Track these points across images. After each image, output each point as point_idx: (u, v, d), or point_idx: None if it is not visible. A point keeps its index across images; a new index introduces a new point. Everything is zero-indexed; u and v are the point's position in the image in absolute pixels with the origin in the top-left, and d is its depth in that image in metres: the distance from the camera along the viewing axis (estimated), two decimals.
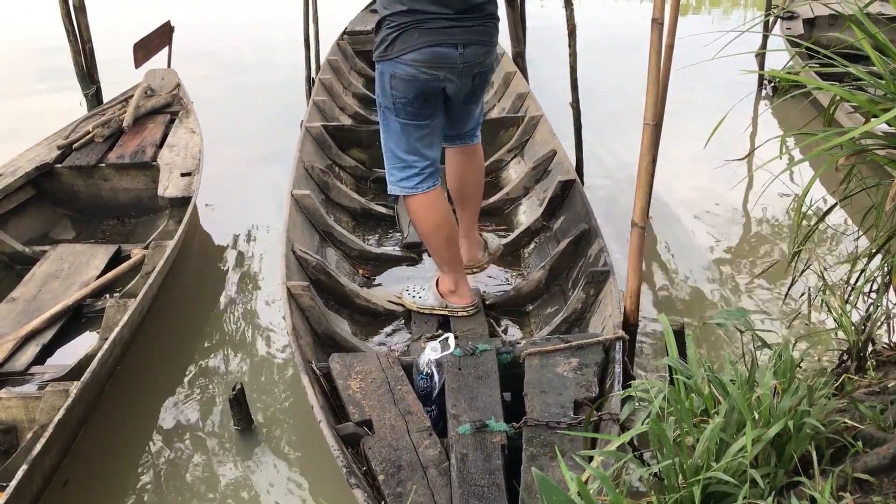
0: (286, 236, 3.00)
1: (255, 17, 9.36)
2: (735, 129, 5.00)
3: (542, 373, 2.28)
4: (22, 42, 8.16)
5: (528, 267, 3.41)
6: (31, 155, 3.95)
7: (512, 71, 5.00)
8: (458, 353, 2.38)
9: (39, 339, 2.90)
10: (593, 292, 2.75)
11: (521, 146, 4.26)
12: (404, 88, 2.59)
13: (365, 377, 2.32)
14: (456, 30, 2.53)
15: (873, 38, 2.62)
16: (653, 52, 2.24)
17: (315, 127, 4.18)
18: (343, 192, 3.84)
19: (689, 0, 10.03)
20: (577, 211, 3.30)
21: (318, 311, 2.71)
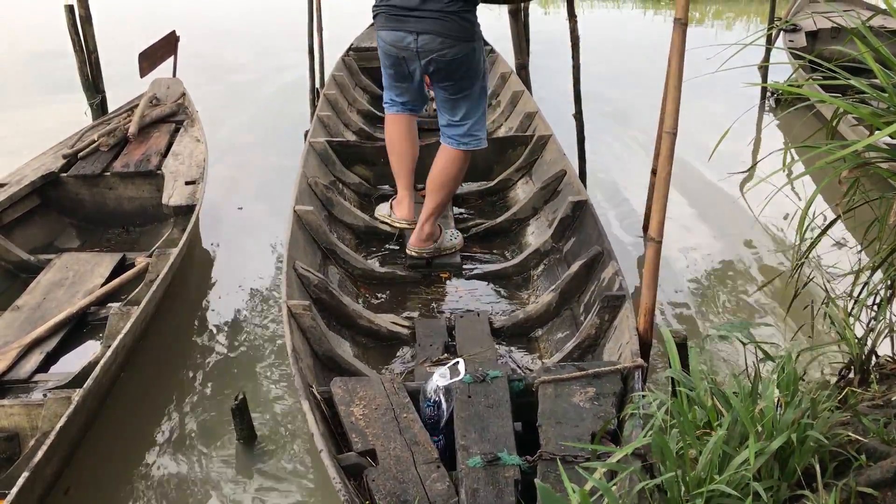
0: (288, 253, 2.93)
1: (260, 25, 9.42)
2: (739, 141, 5.02)
3: (557, 402, 2.18)
4: (28, 51, 8.20)
5: (537, 290, 3.30)
6: (37, 164, 3.97)
7: (519, 90, 4.93)
8: (468, 380, 2.28)
9: (43, 346, 2.90)
10: (608, 318, 2.64)
11: (528, 166, 4.19)
12: (382, 57, 3.31)
13: (368, 403, 2.21)
14: (410, 20, 3.05)
15: (876, 52, 2.63)
16: (674, 54, 2.17)
17: (319, 142, 4.11)
18: (346, 209, 3.76)
19: (693, 13, 10.06)
20: (589, 232, 3.21)
21: (320, 331, 2.61)
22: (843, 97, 2.95)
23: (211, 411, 2.85)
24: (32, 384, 2.73)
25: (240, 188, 4.74)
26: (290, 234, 3.09)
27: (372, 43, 5.85)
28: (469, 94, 3.26)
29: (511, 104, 4.94)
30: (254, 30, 9.32)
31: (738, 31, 9.07)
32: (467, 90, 3.24)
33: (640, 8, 10.64)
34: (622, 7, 10.79)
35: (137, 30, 8.50)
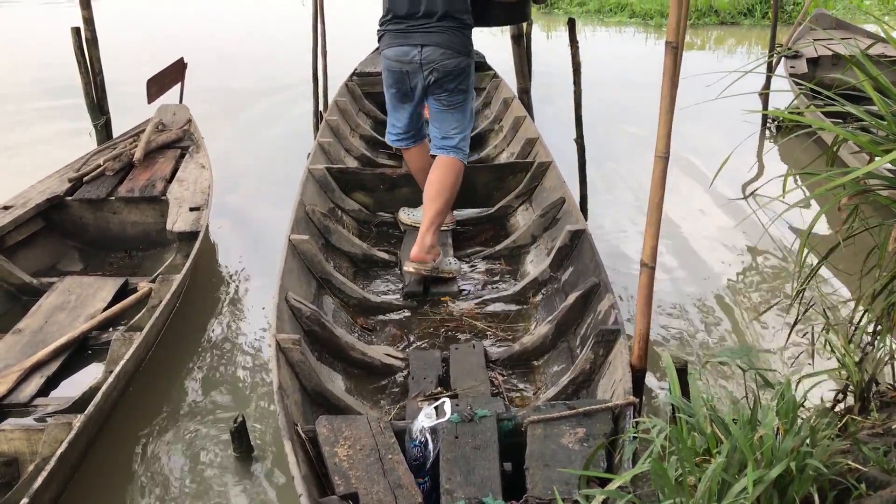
0: (280, 284, 2.87)
1: (265, 47, 9.52)
2: (739, 167, 5.04)
3: (546, 444, 2.13)
4: (35, 71, 8.28)
5: (535, 320, 3.27)
6: (42, 187, 3.99)
7: (521, 116, 4.93)
8: (456, 420, 2.22)
9: (44, 370, 2.90)
10: (602, 352, 2.60)
11: (529, 192, 4.17)
12: (385, 76, 3.54)
13: (354, 444, 2.16)
14: (415, 34, 3.36)
15: (875, 80, 2.65)
16: (666, 78, 2.15)
17: (318, 169, 4.09)
18: (344, 237, 3.74)
19: (694, 39, 10.13)
20: (587, 263, 3.19)
21: (309, 366, 2.54)
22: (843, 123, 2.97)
23: (211, 437, 2.84)
24: (32, 408, 2.73)
25: (244, 213, 4.76)
26: (284, 263, 3.04)
27: (375, 68, 5.93)
28: (462, 107, 3.56)
29: (513, 130, 4.95)
30: (258, 53, 9.40)
31: (740, 56, 9.13)
32: (461, 103, 3.54)
33: (642, 32, 10.72)
34: (623, 32, 10.87)
35: (142, 52, 8.61)
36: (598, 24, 11.45)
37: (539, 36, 10.34)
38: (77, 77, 4.77)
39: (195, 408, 3.00)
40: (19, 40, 10.92)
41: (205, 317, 3.64)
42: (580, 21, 11.49)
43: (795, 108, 4.92)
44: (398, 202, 4.17)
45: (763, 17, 10.83)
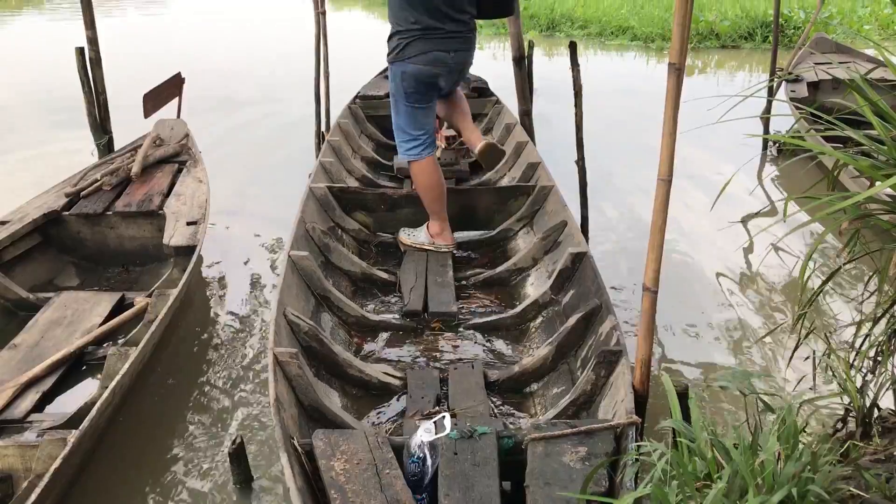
0: (279, 299, 2.88)
1: (267, 65, 9.56)
2: (741, 190, 5.04)
3: (547, 462, 2.10)
4: (38, 90, 8.31)
5: (535, 342, 3.24)
6: (40, 202, 3.99)
7: (524, 141, 4.92)
8: (455, 436, 2.20)
9: (39, 386, 2.88)
10: (604, 373, 2.58)
11: (530, 216, 4.16)
12: (414, 81, 3.63)
13: (350, 458, 2.14)
14: (448, 40, 3.59)
15: (874, 105, 2.65)
16: (669, 100, 2.14)
17: (319, 188, 4.09)
18: (344, 256, 3.74)
19: (695, 62, 10.18)
20: (588, 285, 3.16)
21: (306, 381, 2.53)
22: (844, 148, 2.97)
23: (208, 454, 2.82)
24: (27, 424, 2.71)
25: (241, 228, 4.75)
26: (284, 279, 3.04)
27: (378, 91, 5.97)
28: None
29: (515, 154, 4.94)
30: (260, 71, 9.44)
31: (741, 80, 9.17)
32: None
33: (643, 55, 10.77)
34: (624, 55, 10.93)
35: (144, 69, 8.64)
36: (600, 48, 11.51)
37: (541, 59, 10.40)
38: (79, 93, 4.79)
39: (192, 423, 2.97)
40: (21, 55, 10.98)
41: (201, 331, 3.62)
42: (582, 44, 11.55)
43: (796, 132, 4.93)
44: (399, 223, 4.17)
45: (764, 41, 10.89)
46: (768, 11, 11.10)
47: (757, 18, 11.31)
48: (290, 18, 14.05)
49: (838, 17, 11.41)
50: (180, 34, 13.09)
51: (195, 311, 3.78)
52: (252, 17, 15.09)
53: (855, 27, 11.11)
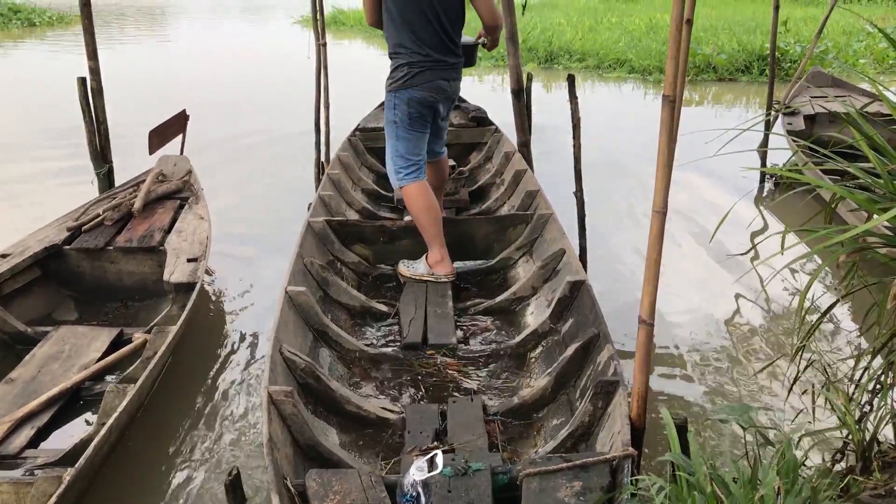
0: (275, 336, 2.85)
1: (268, 98, 9.64)
2: (738, 223, 5.06)
3: (541, 498, 2.09)
4: (40, 118, 8.38)
5: (534, 372, 3.22)
6: (41, 235, 4.00)
7: (522, 170, 4.98)
8: (448, 473, 2.19)
9: (35, 421, 2.86)
10: (601, 404, 2.56)
11: (529, 244, 4.18)
12: (419, 106, 3.86)
13: (343, 499, 2.12)
14: (449, 70, 3.91)
15: (870, 139, 2.68)
16: (664, 132, 2.15)
17: (318, 222, 4.10)
18: (343, 289, 3.73)
19: (692, 94, 10.26)
20: (586, 314, 3.16)
21: (301, 419, 2.49)
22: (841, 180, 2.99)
23: (204, 490, 2.79)
24: (21, 460, 2.68)
25: (242, 264, 4.76)
26: (280, 315, 3.02)
27: (378, 123, 6.00)
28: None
29: (514, 183, 4.99)
30: (261, 104, 9.52)
31: (738, 112, 9.23)
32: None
33: (641, 87, 10.87)
34: (622, 87, 11.02)
35: (145, 100, 8.72)
36: (598, 80, 11.61)
37: (539, 91, 10.49)
38: (80, 123, 4.82)
39: (189, 462, 2.95)
40: (22, 85, 11.09)
41: (200, 369, 3.60)
42: (580, 76, 11.66)
43: (794, 165, 4.96)
44: (398, 254, 4.18)
45: (760, 74, 10.99)
46: (765, 45, 11.23)
47: (753, 52, 11.43)
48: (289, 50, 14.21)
49: (834, 51, 11.54)
50: (182, 64, 13.23)
51: (194, 347, 3.76)
52: (253, 48, 15.26)
53: (850, 61, 11.22)
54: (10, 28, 19.13)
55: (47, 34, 18.28)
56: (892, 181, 2.54)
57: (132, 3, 28.44)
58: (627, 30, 14.23)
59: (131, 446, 2.97)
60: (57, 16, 21.04)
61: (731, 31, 12.91)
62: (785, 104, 6.46)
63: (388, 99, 3.90)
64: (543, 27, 14.43)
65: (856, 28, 13.27)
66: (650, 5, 19.14)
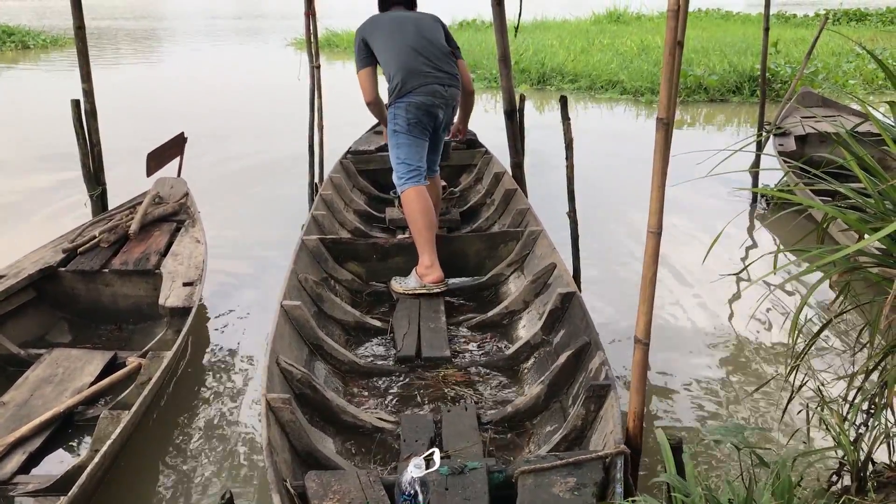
0: (271, 347, 2.90)
1: (263, 120, 9.66)
2: (731, 243, 5.08)
3: (537, 493, 2.14)
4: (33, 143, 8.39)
5: (527, 382, 3.28)
6: (36, 257, 3.99)
7: (512, 189, 5.08)
8: (445, 472, 2.24)
9: (27, 446, 2.83)
10: (594, 408, 2.61)
11: (520, 260, 4.25)
12: (416, 111, 4.09)
13: (342, 498, 2.17)
14: (441, 77, 4.15)
15: (860, 159, 2.70)
16: (658, 154, 2.18)
17: (311, 240, 4.17)
18: (337, 305, 3.78)
19: (684, 115, 10.33)
20: (577, 324, 3.24)
21: (299, 426, 2.53)
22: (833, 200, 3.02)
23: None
24: (12, 486, 2.64)
25: (238, 288, 4.75)
26: (276, 328, 3.07)
27: (369, 146, 6.16)
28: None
29: (504, 202, 5.07)
30: (256, 126, 9.54)
31: (729, 133, 9.30)
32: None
33: (633, 108, 10.93)
34: (614, 109, 11.09)
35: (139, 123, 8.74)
36: (590, 101, 11.69)
37: (532, 112, 10.55)
38: (73, 145, 4.82)
39: (184, 488, 2.92)
40: (16, 107, 11.10)
41: (195, 394, 3.57)
42: (572, 97, 11.73)
43: (785, 185, 4.99)
44: (391, 272, 4.25)
45: (751, 95, 11.07)
46: (755, 66, 11.32)
47: (744, 73, 11.52)
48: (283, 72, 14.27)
49: (824, 72, 11.64)
50: (175, 86, 13.26)
51: (190, 372, 3.74)
52: (246, 70, 15.32)
53: (840, 82, 11.32)
54: (5, 50, 19.18)
55: (41, 57, 18.33)
56: (883, 201, 2.56)
57: (126, 26, 28.57)
58: (619, 51, 14.34)
59: (124, 472, 2.95)
60: (51, 38, 21.10)
61: (722, 53, 13.02)
62: (776, 125, 6.51)
63: (390, 113, 4.17)
64: (536, 49, 14.54)
65: (845, 49, 13.41)
66: (641, 27, 19.33)
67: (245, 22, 30.83)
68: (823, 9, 23.27)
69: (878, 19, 20.41)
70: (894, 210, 2.53)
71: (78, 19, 4.68)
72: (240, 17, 33.59)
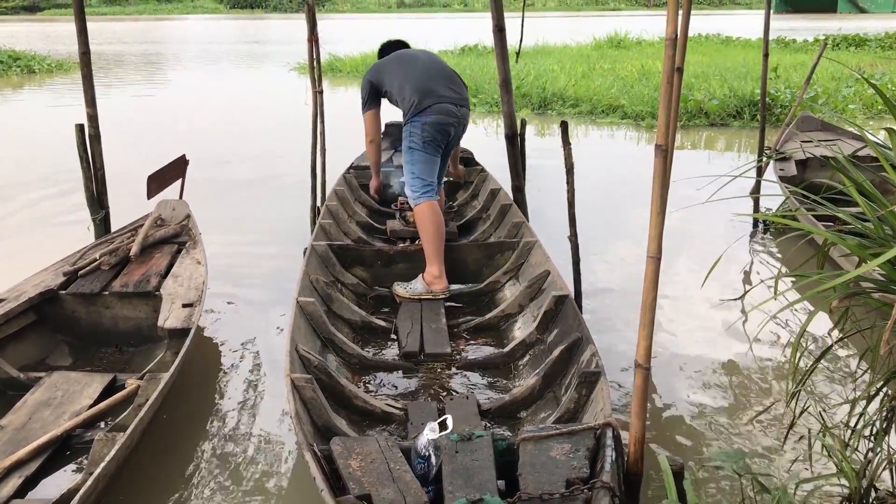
0: (290, 336, 3.17)
1: (266, 143, 9.71)
2: (732, 268, 5.08)
3: (536, 455, 2.42)
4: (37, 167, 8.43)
5: (523, 375, 3.54)
6: (37, 280, 3.99)
7: (507, 204, 5.37)
8: (455, 438, 2.53)
9: (23, 470, 2.81)
10: (585, 392, 2.90)
11: (516, 269, 4.53)
12: (431, 129, 4.36)
13: (365, 458, 2.46)
14: (454, 97, 4.45)
15: (859, 185, 2.71)
16: (657, 180, 2.22)
17: (321, 245, 4.49)
18: (345, 305, 4.08)
19: (684, 140, 10.37)
20: (570, 323, 3.51)
21: (319, 403, 2.83)
22: (835, 224, 3.02)
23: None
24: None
25: (238, 309, 4.75)
26: (293, 321, 3.36)
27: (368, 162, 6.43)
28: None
29: (500, 216, 5.36)
30: (259, 149, 9.58)
31: (730, 157, 9.32)
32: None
33: (634, 132, 10.98)
34: (615, 133, 11.13)
35: (143, 145, 8.78)
36: (591, 125, 11.74)
37: (533, 136, 10.60)
38: (76, 169, 4.84)
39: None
40: (21, 131, 11.16)
41: (194, 416, 3.56)
42: (573, 122, 11.79)
43: (787, 210, 5.00)
44: (393, 277, 4.59)
45: (752, 120, 11.11)
46: (755, 91, 11.37)
47: (744, 98, 11.57)
48: (286, 96, 14.36)
49: (824, 97, 11.68)
50: (179, 110, 13.34)
51: (188, 394, 3.72)
52: (249, 94, 15.42)
53: (840, 106, 11.36)
54: (10, 75, 19.33)
55: (46, 81, 18.47)
56: (882, 226, 2.56)
57: (131, 50, 28.82)
58: (620, 76, 14.42)
59: (121, 494, 2.92)
60: (56, 63, 21.28)
61: (722, 78, 13.09)
62: (776, 149, 6.53)
63: (405, 130, 4.45)
64: (537, 73, 14.62)
65: (844, 74, 13.47)
66: (641, 52, 19.46)
67: (248, 46, 31.09)
68: (823, 34, 23.44)
69: (878, 45, 20.52)
70: (894, 235, 2.54)
71: (83, 45, 4.71)
72: (243, 42, 33.86)
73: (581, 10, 71.23)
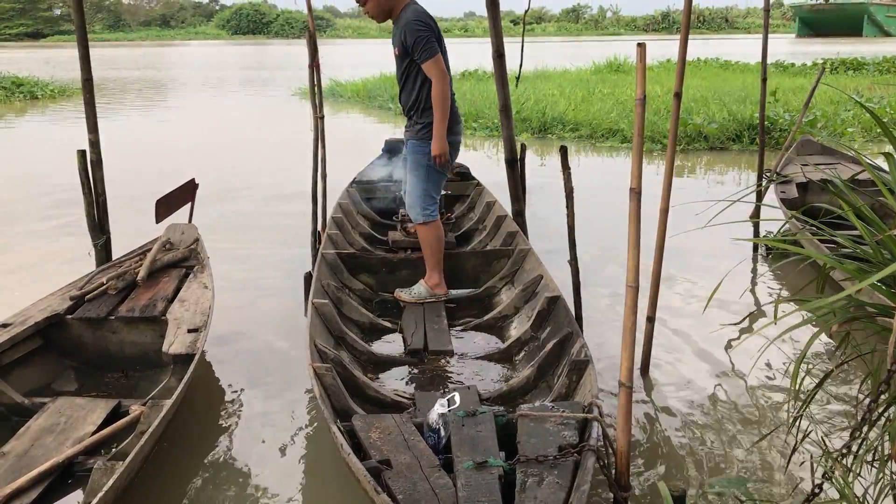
0: (309, 332, 3.53)
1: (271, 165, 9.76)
2: (732, 291, 5.08)
3: (533, 427, 2.77)
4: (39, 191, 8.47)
5: (519, 368, 3.92)
6: (43, 305, 3.99)
7: (503, 215, 5.76)
8: (461, 414, 2.89)
9: (24, 498, 2.76)
10: (575, 378, 3.26)
11: (511, 274, 4.89)
12: (451, 150, 4.52)
13: (383, 431, 2.83)
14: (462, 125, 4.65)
15: (856, 209, 2.73)
16: (632, 221, 2.44)
17: (330, 253, 4.86)
18: (354, 307, 4.48)
19: (684, 163, 10.41)
20: (562, 321, 3.90)
21: (338, 389, 3.17)
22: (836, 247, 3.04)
23: None
24: None
25: (243, 334, 4.75)
26: (310, 320, 3.73)
27: (371, 177, 7.08)
28: None
29: (495, 227, 5.71)
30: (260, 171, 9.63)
31: (730, 180, 9.36)
32: None
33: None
34: (615, 157, 11.19)
35: (147, 170, 8.83)
36: (591, 149, 11.80)
37: (533, 160, 10.66)
38: (78, 194, 4.86)
39: None
40: (24, 156, 11.23)
41: (196, 443, 3.54)
42: (573, 146, 11.86)
43: (788, 233, 5.02)
44: (397, 283, 4.96)
45: (751, 143, 11.17)
46: (754, 115, 11.44)
47: (744, 121, 11.64)
48: (288, 121, 14.45)
49: (822, 120, 11.75)
50: (181, 137, 13.42)
51: (192, 420, 3.70)
52: (252, 120, 15.51)
53: (839, 130, 11.42)
54: (13, 101, 19.46)
55: (49, 106, 18.59)
56: (881, 250, 2.58)
57: (133, 76, 29.02)
58: (619, 100, 14.51)
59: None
60: (59, 88, 21.42)
61: (721, 102, 13.17)
62: (776, 172, 6.56)
63: (419, 147, 4.57)
64: (537, 98, 14.72)
65: (843, 98, 13.55)
66: None
67: (250, 72, 31.30)
68: (821, 58, 23.59)
69: (875, 68, 20.65)
70: (892, 259, 2.55)
71: (86, 72, 4.76)
72: (245, 68, 34.10)
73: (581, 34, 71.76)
